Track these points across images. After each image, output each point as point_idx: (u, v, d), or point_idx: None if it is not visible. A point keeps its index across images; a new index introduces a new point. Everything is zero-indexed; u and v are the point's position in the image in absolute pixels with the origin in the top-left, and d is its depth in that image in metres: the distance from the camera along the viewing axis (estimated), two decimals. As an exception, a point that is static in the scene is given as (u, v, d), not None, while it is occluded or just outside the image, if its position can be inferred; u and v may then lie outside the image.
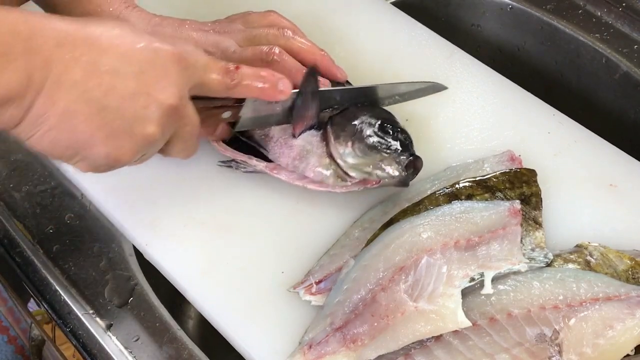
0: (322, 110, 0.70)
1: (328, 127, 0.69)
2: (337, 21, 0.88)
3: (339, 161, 0.67)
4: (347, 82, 0.74)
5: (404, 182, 0.67)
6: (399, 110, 0.77)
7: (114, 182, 0.73)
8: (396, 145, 0.67)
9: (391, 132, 0.68)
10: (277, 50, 0.70)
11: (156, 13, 0.72)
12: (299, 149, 0.69)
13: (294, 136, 0.69)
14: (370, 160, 0.66)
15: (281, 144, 0.70)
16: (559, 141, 0.76)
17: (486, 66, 0.84)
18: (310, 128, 0.69)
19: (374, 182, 0.67)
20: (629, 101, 0.88)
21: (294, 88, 0.67)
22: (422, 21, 0.88)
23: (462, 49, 0.85)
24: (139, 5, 0.73)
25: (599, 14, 0.90)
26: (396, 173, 0.66)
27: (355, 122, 0.68)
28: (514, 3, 0.93)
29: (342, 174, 0.68)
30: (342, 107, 0.70)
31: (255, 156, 0.71)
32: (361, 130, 0.68)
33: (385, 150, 0.67)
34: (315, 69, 0.69)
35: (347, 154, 0.67)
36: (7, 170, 0.77)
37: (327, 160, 0.68)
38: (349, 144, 0.67)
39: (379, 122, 0.68)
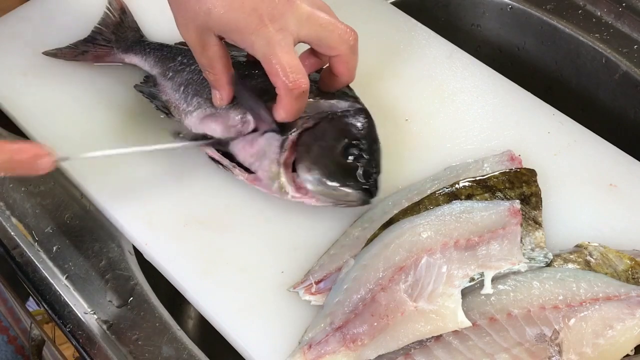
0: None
1: (291, 142, 0.68)
2: (337, 21, 0.88)
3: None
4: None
5: (362, 204, 0.68)
6: (399, 111, 0.77)
7: (114, 182, 0.73)
8: (353, 176, 0.67)
9: (351, 159, 0.67)
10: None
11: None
12: (258, 147, 0.69)
13: (259, 132, 0.69)
14: (326, 189, 0.67)
15: (247, 141, 0.70)
16: (559, 141, 0.76)
17: (486, 66, 0.84)
18: (273, 131, 0.69)
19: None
20: (629, 101, 0.88)
21: None
22: (422, 21, 0.88)
23: (462, 49, 0.85)
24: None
25: (599, 14, 0.90)
26: (350, 202, 0.67)
27: (321, 144, 0.68)
28: (514, 3, 0.93)
29: (285, 185, 0.68)
30: (315, 121, 0.69)
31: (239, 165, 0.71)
32: (321, 156, 0.67)
33: (340, 183, 0.66)
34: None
35: (307, 181, 0.67)
36: (7, 170, 0.77)
37: (276, 169, 0.68)
38: (310, 171, 0.67)
39: (342, 147, 0.68)
